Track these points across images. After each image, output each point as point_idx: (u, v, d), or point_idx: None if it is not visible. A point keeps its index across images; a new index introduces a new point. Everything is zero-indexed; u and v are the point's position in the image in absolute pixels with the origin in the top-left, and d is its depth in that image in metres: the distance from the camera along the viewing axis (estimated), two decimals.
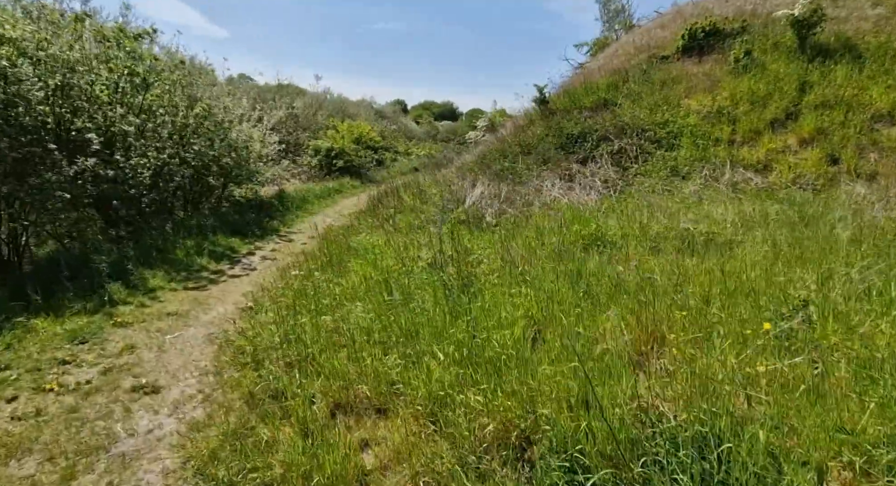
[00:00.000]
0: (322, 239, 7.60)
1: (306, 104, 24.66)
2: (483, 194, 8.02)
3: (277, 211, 11.04)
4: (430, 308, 3.67)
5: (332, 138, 19.10)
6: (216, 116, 9.09)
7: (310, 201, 12.91)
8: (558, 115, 11.42)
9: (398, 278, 4.57)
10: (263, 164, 11.03)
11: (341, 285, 4.83)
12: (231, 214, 9.71)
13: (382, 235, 7.23)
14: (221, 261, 7.22)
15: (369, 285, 4.62)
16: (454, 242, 5.77)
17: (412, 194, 10.45)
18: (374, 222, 8.04)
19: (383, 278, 4.65)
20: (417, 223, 7.70)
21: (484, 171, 10.43)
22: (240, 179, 10.61)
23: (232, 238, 8.37)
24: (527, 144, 10.76)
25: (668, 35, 12.53)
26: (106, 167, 6.94)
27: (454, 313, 3.52)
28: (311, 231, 9.62)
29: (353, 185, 16.75)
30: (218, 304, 5.29)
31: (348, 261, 5.88)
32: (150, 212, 8.05)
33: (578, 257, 4.37)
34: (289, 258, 7.24)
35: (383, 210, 8.71)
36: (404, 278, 4.55)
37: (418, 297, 4.00)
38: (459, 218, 7.16)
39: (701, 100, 9.94)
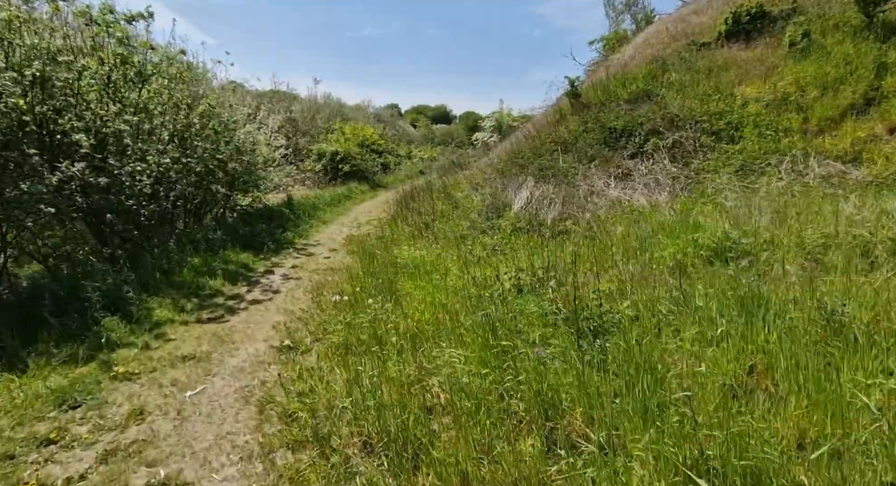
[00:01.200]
0: (358, 253, 6.56)
1: (304, 108, 23.66)
2: (532, 197, 7.02)
3: (289, 220, 9.96)
4: (563, 363, 2.64)
5: (336, 142, 18.06)
6: (221, 116, 8.03)
7: (321, 209, 11.84)
8: (593, 108, 10.47)
9: (484, 306, 3.54)
10: (272, 168, 9.96)
11: (404, 314, 3.79)
12: (239, 225, 8.63)
13: (426, 245, 6.20)
14: (237, 282, 6.13)
15: (447, 316, 3.58)
16: (530, 255, 4.76)
17: (441, 199, 9.44)
18: (412, 231, 7.00)
19: (464, 308, 3.62)
20: (461, 232, 6.69)
21: (519, 170, 9.45)
22: (246, 186, 9.54)
23: (244, 253, 7.29)
24: (563, 141, 9.80)
25: (707, 20, 11.65)
26: (98, 174, 5.87)
27: (602, 367, 2.50)
28: (331, 242, 8.57)
29: (362, 190, 15.71)
30: (245, 341, 4.22)
31: (398, 280, 4.84)
32: (150, 226, 6.96)
33: (721, 274, 3.37)
34: (315, 276, 6.18)
35: (416, 217, 7.68)
36: (490, 306, 3.53)
37: (530, 336, 2.98)
38: (514, 225, 6.15)
39: (758, 87, 9.03)
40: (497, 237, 5.88)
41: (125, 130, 6.10)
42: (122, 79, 6.27)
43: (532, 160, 9.58)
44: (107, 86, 6.09)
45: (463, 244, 5.83)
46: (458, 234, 6.54)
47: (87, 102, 5.96)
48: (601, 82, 11.22)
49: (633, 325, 2.88)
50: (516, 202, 7.05)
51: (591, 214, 6.09)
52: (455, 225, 7.05)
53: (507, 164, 10.18)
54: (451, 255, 5.36)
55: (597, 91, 10.95)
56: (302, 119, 22.07)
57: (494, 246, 5.53)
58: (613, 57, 13.93)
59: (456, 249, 5.63)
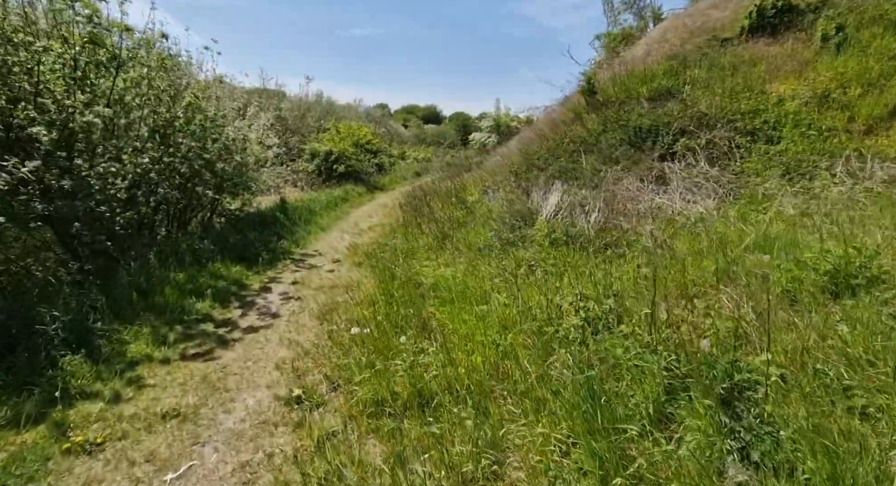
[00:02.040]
0: (366, 266, 5.70)
1: (293, 106, 22.69)
2: (563, 203, 6.24)
3: (283, 227, 9.04)
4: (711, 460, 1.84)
5: (330, 141, 17.13)
6: (207, 111, 7.09)
7: (317, 213, 10.92)
8: (612, 106, 9.76)
9: (556, 350, 2.73)
10: (265, 169, 9.04)
11: (449, 359, 2.97)
12: (229, 232, 7.69)
13: (449, 259, 5.37)
14: (229, 303, 5.23)
15: (509, 364, 2.76)
16: (582, 274, 3.97)
17: (452, 204, 8.62)
18: (429, 242, 6.16)
19: (529, 352, 2.80)
20: (485, 241, 5.87)
21: (537, 173, 8.68)
22: (236, 188, 8.61)
23: (236, 267, 6.38)
24: (582, 140, 9.05)
25: (727, 15, 11.01)
26: (62, 176, 4.94)
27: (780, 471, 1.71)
28: (333, 252, 7.68)
29: (359, 192, 14.80)
30: (242, 388, 3.34)
31: (427, 305, 4.01)
32: (127, 235, 6.01)
33: (864, 309, 2.62)
34: (321, 296, 5.31)
35: (432, 226, 6.83)
36: (563, 348, 2.73)
37: (640, 405, 2.18)
38: (549, 236, 5.36)
39: (792, 84, 8.38)
40: (532, 251, 5.08)
41: (96, 124, 5.16)
42: (91, 64, 5.33)
43: (551, 162, 8.82)
44: (73, 71, 5.15)
45: (493, 259, 5.02)
46: (483, 245, 5.73)
47: (51, 90, 5.03)
48: (618, 79, 10.50)
49: (782, 390, 2.10)
50: (544, 209, 6.26)
51: (637, 223, 5.32)
52: (476, 234, 6.23)
53: (521, 165, 9.40)
54: (484, 272, 4.55)
55: (614, 88, 10.24)
56: (291, 118, 21.11)
57: (532, 262, 4.74)
58: (623, 54, 13.25)
59: (487, 264, 4.82)
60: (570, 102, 12.12)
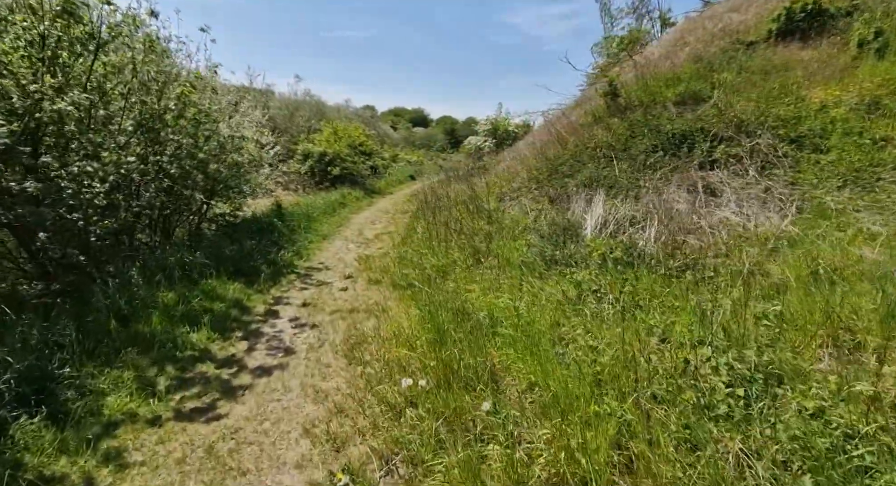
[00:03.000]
0: (386, 284, 4.86)
1: (282, 105, 21.67)
2: (612, 216, 5.51)
3: (282, 235, 8.11)
4: None
5: (324, 142, 16.18)
6: (200, 104, 6.16)
7: (316, 219, 10.00)
8: (636, 110, 9.12)
9: (710, 434, 1.96)
10: (266, 171, 8.10)
11: (566, 444, 2.17)
12: (224, 242, 6.74)
13: (494, 280, 4.57)
14: (229, 332, 4.32)
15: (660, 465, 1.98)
16: (670, 308, 3.22)
17: (470, 212, 7.83)
18: (463, 257, 5.33)
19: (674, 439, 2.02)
20: (523, 257, 5.10)
21: (564, 180, 7.95)
22: (230, 192, 7.66)
23: (234, 283, 5.46)
24: (609, 146, 8.37)
25: (750, 18, 10.51)
26: (25, 177, 3.99)
27: None
28: (340, 265, 6.80)
29: (356, 196, 13.90)
30: (264, 468, 2.46)
31: (490, 345, 3.20)
32: (105, 248, 5.05)
33: None
34: (340, 322, 4.44)
35: (462, 239, 6.02)
36: (727, 433, 1.96)
37: None
38: (606, 255, 4.61)
39: (833, 90, 7.86)
40: (590, 272, 4.32)
41: (69, 114, 4.22)
42: (65, 42, 4.38)
43: (577, 168, 8.11)
44: (42, 49, 4.20)
45: (547, 281, 4.24)
46: (522, 261, 4.95)
47: (12, 72, 4.07)
48: (639, 82, 9.89)
49: None
50: (588, 222, 5.52)
51: (712, 242, 4.61)
52: (511, 248, 5.45)
53: (542, 171, 8.67)
54: (545, 299, 3.76)
55: (638, 92, 9.62)
56: (280, 117, 20.12)
57: (596, 287, 3.97)
58: (636, 57, 12.69)
59: (540, 287, 4.03)
60: (583, 106, 11.47)
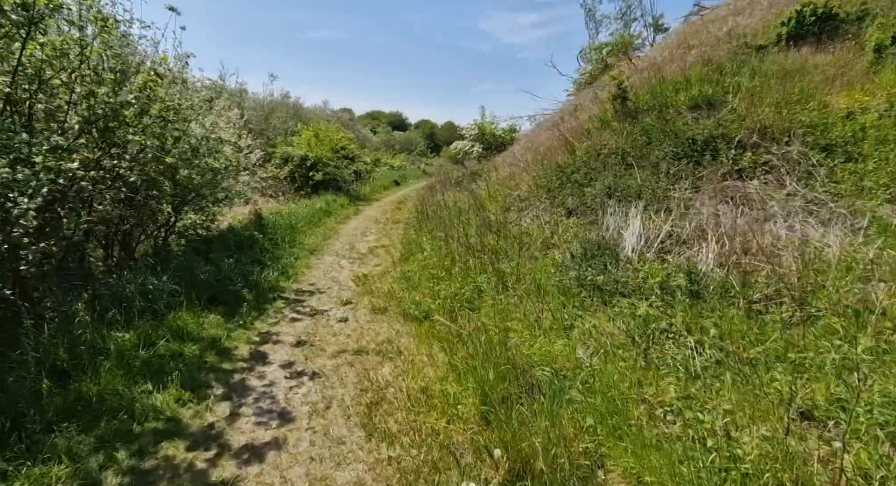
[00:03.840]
0: (397, 316, 3.99)
1: (256, 106, 20.46)
2: (649, 232, 4.79)
3: (264, 250, 7.09)
4: None
5: (305, 145, 15.12)
6: (171, 99, 5.13)
7: (301, 230, 8.99)
8: (649, 115, 8.52)
9: None
10: (246, 178, 7.07)
11: None
12: (197, 262, 5.69)
13: (529, 313, 3.75)
14: (205, 388, 3.35)
15: None
16: (811, 371, 2.49)
17: (476, 225, 7.02)
18: (485, 279, 4.49)
19: None
20: (550, 279, 4.31)
21: (577, 188, 7.24)
22: (204, 201, 6.62)
23: (210, 316, 4.47)
24: (624, 153, 7.72)
25: (756, 22, 10.12)
26: None
27: None
28: (335, 287, 5.86)
29: (342, 203, 12.89)
30: None
31: (569, 425, 2.39)
32: (41, 276, 3.99)
33: None
34: (347, 370, 3.55)
35: (475, 257, 5.18)
36: None
37: None
38: (665, 280, 3.86)
39: (856, 96, 7.43)
40: (651, 304, 3.56)
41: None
42: None
43: (594, 176, 7.41)
44: None
45: (597, 315, 3.45)
46: (555, 286, 4.16)
47: None
48: (648, 86, 9.33)
49: None
50: (627, 239, 4.78)
51: (780, 265, 3.92)
52: (540, 271, 4.65)
53: (553, 179, 7.94)
54: (615, 345, 2.96)
55: (646, 96, 9.05)
56: (255, 118, 18.92)
57: (667, 326, 3.22)
58: (635, 62, 12.20)
59: (599, 325, 3.24)
60: (583, 110, 10.85)
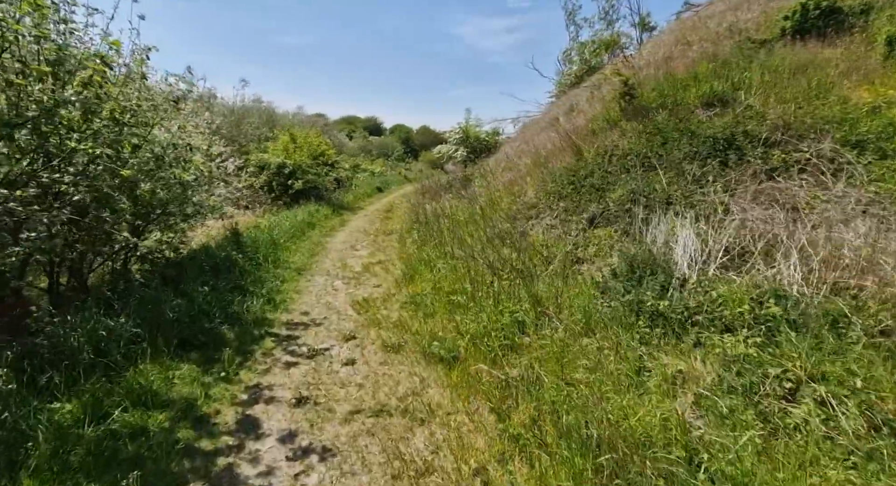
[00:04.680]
0: (415, 355, 3.18)
1: (228, 112, 19.26)
2: (704, 245, 4.12)
3: (245, 273, 6.12)
4: None
5: (281, 151, 14.08)
6: (128, 99, 4.18)
7: (283, 246, 8.02)
8: (660, 113, 7.95)
9: None
10: (223, 190, 6.10)
11: None
12: (163, 292, 4.72)
13: (577, 351, 2.99)
14: None
15: None
16: None
17: (485, 237, 6.25)
18: (521, 310, 3.71)
19: None
20: (608, 309, 3.59)
21: (595, 195, 6.57)
22: (173, 218, 5.63)
23: (181, 365, 3.55)
24: (640, 154, 7.10)
25: (757, 16, 9.73)
26: None
27: None
28: (333, 317, 4.97)
29: (325, 214, 11.91)
30: None
31: None
32: None
33: None
34: (367, 441, 2.70)
35: (498, 278, 4.39)
36: None
37: None
38: (755, 307, 3.17)
39: (876, 90, 7.03)
40: (741, 339, 2.86)
41: None
42: None
43: (612, 180, 6.75)
44: None
45: (672, 355, 2.73)
46: (602, 314, 3.42)
47: None
48: (652, 84, 8.79)
49: None
50: (679, 253, 4.09)
51: (892, 282, 3.29)
52: (579, 294, 3.90)
53: (564, 185, 7.25)
54: (735, 409, 2.23)
55: (653, 94, 8.50)
56: (226, 125, 17.73)
57: (780, 372, 2.51)
58: (636, 57, 11.73)
59: (683, 366, 2.50)
60: (580, 111, 10.26)
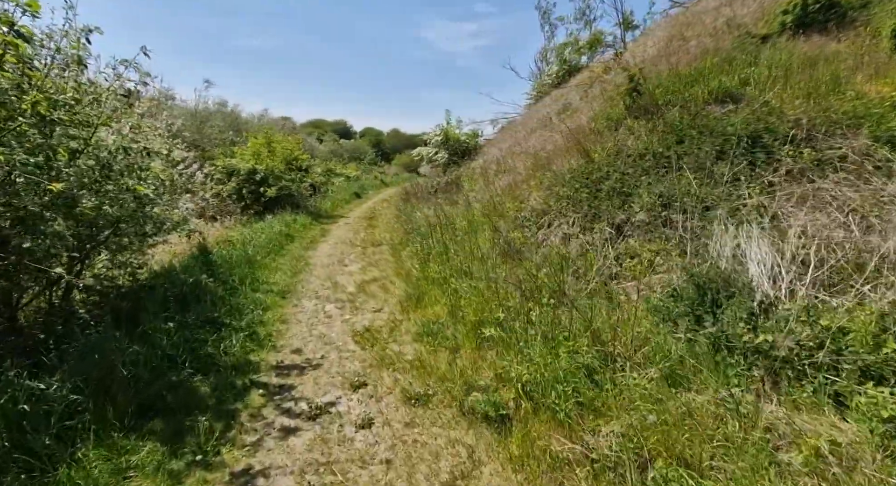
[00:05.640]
0: (447, 408, 2.39)
1: (189, 115, 17.88)
2: (785, 259, 3.50)
3: (218, 300, 5.12)
4: None
5: (251, 156, 12.92)
6: (58, 92, 3.20)
7: (261, 264, 7.01)
8: (669, 110, 7.42)
9: None
10: (190, 205, 5.09)
11: None
12: (110, 336, 3.73)
13: (669, 411, 2.26)
14: None
15: None
16: None
17: (498, 249, 5.50)
18: (581, 346, 2.94)
19: None
20: (685, 344, 2.89)
21: (619, 201, 5.91)
22: (126, 239, 4.60)
23: (140, 446, 2.60)
24: (657, 155, 6.50)
25: (754, 11, 9.39)
26: None
27: None
28: (333, 355, 4.08)
29: (303, 223, 10.88)
30: None
31: None
32: None
33: None
34: None
35: (534, 306, 3.63)
36: None
37: None
38: (884, 341, 2.53)
39: (892, 85, 6.71)
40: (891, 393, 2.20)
41: None
42: None
43: (631, 183, 6.11)
44: None
45: (793, 409, 2.03)
46: (698, 356, 2.72)
47: None
48: (654, 80, 8.28)
49: None
50: (754, 272, 3.44)
51: None
52: (642, 323, 3.20)
53: (579, 189, 6.57)
54: None
55: (659, 90, 7.98)
56: (188, 128, 16.37)
57: None
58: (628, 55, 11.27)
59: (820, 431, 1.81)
60: (575, 110, 9.68)
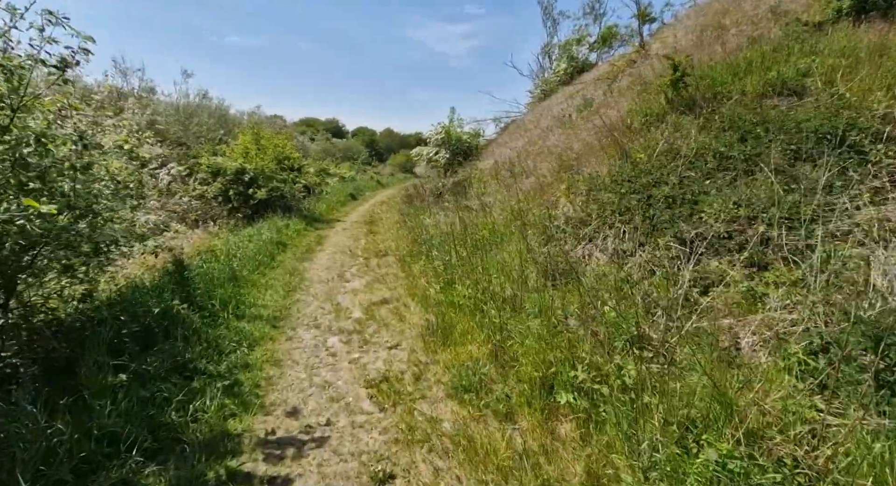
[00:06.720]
0: None
1: (171, 110, 16.67)
2: None
3: (192, 336, 4.07)
4: None
5: (239, 155, 11.81)
6: None
7: (247, 280, 5.94)
8: (724, 104, 6.51)
9: None
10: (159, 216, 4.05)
11: None
12: (26, 410, 2.69)
13: None
14: None
15: None
16: None
17: (539, 269, 4.51)
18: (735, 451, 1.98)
19: None
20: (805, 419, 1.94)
21: (678, 211, 4.96)
22: (73, 254, 3.54)
23: None
24: (716, 154, 5.57)
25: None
26: None
27: None
28: (343, 419, 3.01)
29: (297, 229, 9.80)
30: None
31: None
32: None
33: None
34: None
35: (627, 366, 2.64)
36: None
37: None
38: None
39: None
40: None
41: None
42: None
43: (693, 189, 5.16)
44: None
45: None
46: None
47: None
48: (695, 71, 7.38)
49: None
50: None
51: None
52: (770, 386, 2.24)
53: (625, 195, 5.61)
54: None
55: (704, 82, 7.08)
56: (172, 124, 15.22)
57: None
58: (656, 44, 10.38)
59: None
60: (603, 105, 8.76)
